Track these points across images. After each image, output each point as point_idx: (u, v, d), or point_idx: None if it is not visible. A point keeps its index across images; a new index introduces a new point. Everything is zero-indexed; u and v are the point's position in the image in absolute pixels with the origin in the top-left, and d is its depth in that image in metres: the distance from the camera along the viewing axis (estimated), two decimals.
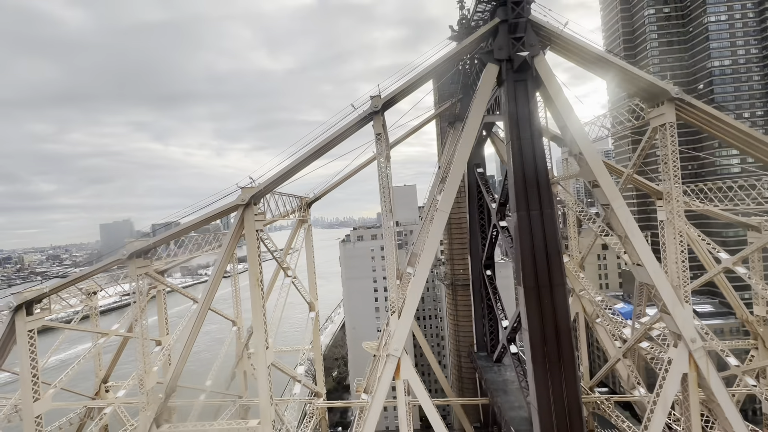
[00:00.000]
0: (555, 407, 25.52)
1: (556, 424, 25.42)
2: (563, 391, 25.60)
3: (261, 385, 30.02)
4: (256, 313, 30.17)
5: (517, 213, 27.26)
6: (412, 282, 28.57)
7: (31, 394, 30.71)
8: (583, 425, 25.89)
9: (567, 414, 25.40)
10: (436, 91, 69.82)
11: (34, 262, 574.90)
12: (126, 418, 44.23)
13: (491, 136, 46.51)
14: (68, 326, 36.62)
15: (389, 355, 28.59)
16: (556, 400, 25.57)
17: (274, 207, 35.34)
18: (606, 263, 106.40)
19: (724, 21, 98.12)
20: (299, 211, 44.61)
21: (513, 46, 27.33)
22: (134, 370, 57.15)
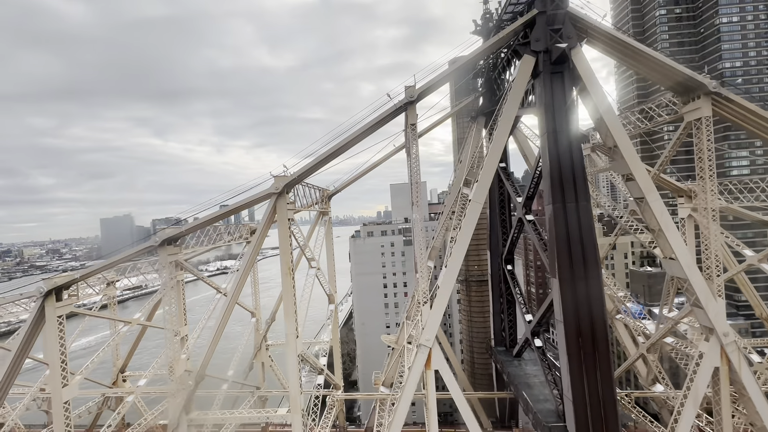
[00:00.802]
0: (590, 399, 25.57)
1: (591, 416, 25.48)
2: (598, 383, 25.64)
3: (291, 374, 30.05)
4: (287, 302, 30.16)
5: (552, 205, 27.26)
6: (445, 273, 28.58)
7: (60, 380, 30.66)
8: (618, 417, 25.96)
9: (602, 406, 25.45)
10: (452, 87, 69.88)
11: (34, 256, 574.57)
12: (143, 408, 44.27)
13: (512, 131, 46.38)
14: (97, 314, 36.58)
15: (420, 345, 28.60)
16: (591, 392, 25.61)
17: (300, 197, 35.35)
18: (613, 263, 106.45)
19: (736, 22, 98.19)
20: (320, 203, 44.60)
21: (551, 37, 27.32)
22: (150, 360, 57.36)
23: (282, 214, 29.71)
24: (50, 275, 32.74)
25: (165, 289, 30.84)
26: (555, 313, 27.72)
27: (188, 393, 30.31)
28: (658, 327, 35.65)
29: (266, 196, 29.12)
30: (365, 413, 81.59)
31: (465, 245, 28.38)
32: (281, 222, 29.74)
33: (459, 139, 72.13)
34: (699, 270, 27.07)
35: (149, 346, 70.01)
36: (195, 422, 30.87)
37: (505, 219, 45.10)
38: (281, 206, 29.69)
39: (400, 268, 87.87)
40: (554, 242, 27.03)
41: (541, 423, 29.80)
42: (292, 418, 29.86)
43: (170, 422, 29.96)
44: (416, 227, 29.84)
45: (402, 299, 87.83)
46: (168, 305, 30.95)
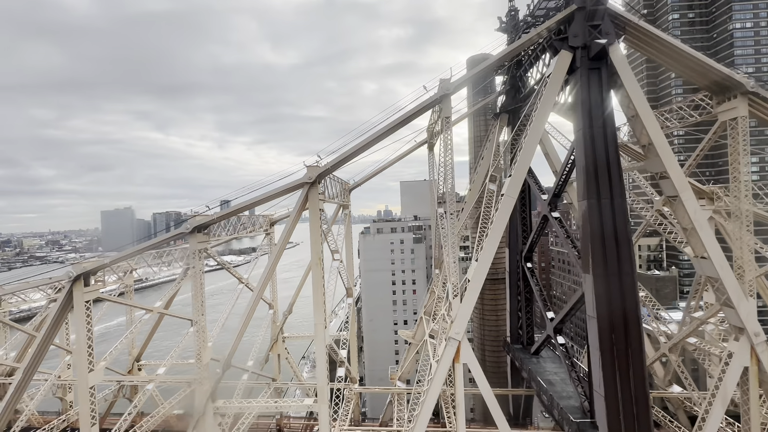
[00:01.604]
0: (622, 395, 25.60)
1: (623, 412, 25.51)
2: (630, 379, 25.67)
3: (319, 365, 30.07)
4: (316, 292, 30.15)
5: (587, 201, 27.27)
6: (476, 267, 28.57)
7: (86, 365, 30.63)
8: (650, 414, 26.01)
9: (634, 402, 25.48)
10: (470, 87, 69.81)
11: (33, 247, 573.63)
12: (158, 398, 44.22)
13: None
14: (122, 300, 36.52)
15: (450, 338, 28.60)
16: (624, 388, 25.65)
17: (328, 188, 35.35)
18: None
19: (750, 28, 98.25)
20: (341, 196, 44.58)
21: (589, 33, 27.32)
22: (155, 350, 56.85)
23: (314, 204, 29.70)
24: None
25: (194, 277, 30.79)
26: (587, 309, 27.73)
27: (215, 381, 30.29)
28: (681, 327, 35.69)
29: (299, 185, 29.09)
30: (371, 408, 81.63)
31: (497, 239, 28.37)
32: (313, 211, 29.72)
33: (475, 137, 72.32)
34: (731, 269, 27.13)
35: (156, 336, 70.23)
36: (220, 410, 30.88)
37: (525, 216, 45.09)
38: (313, 196, 29.66)
39: (409, 265, 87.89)
40: (588, 238, 27.04)
41: (568, 419, 29.81)
42: (319, 408, 29.87)
43: (196, 410, 29.96)
44: (448, 223, 29.76)
45: (410, 296, 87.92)
46: (196, 293, 30.91)
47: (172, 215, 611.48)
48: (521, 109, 43.13)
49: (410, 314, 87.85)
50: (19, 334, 46.42)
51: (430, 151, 45.05)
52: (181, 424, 49.28)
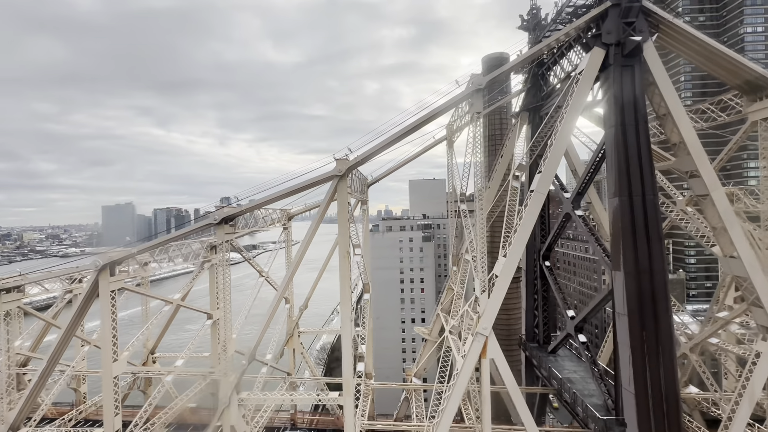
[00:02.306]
0: (652, 393, 25.60)
1: (653, 410, 25.50)
2: (661, 377, 25.66)
3: (345, 359, 30.03)
4: (343, 286, 30.10)
5: (618, 198, 27.25)
6: (505, 262, 28.51)
7: (110, 355, 30.58)
8: (680, 412, 26.01)
9: (664, 400, 25.48)
10: None
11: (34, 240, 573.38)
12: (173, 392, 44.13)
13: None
14: (145, 292, 36.45)
15: (477, 333, 28.59)
16: (654, 386, 25.64)
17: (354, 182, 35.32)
18: None
19: (761, 32, 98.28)
20: (360, 192, 44.54)
21: (623, 30, 27.29)
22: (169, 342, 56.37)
23: (342, 197, 29.67)
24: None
25: (220, 268, 30.73)
26: (616, 306, 27.70)
27: (240, 373, 30.24)
28: (704, 327, 35.71)
29: (329, 177, 29.07)
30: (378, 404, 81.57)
31: (527, 235, 28.37)
32: (341, 204, 29.69)
33: (489, 136, 72.28)
34: (761, 269, 27.13)
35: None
36: (245, 402, 30.85)
37: (544, 214, 45.06)
38: (342, 189, 29.63)
39: (417, 263, 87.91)
40: (620, 235, 27.02)
41: (593, 416, 29.80)
42: (344, 402, 29.86)
43: (221, 401, 29.89)
44: (479, 218, 29.70)
45: (418, 294, 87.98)
46: (222, 285, 30.84)
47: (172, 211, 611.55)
48: (543, 107, 43.26)
49: (418, 313, 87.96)
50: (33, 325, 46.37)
51: (450, 149, 44.93)
52: (195, 417, 49.32)
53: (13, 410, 31.53)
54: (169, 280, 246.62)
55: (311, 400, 32.05)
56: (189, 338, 44.03)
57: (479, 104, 29.32)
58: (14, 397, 32.55)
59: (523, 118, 44.67)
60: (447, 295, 46.92)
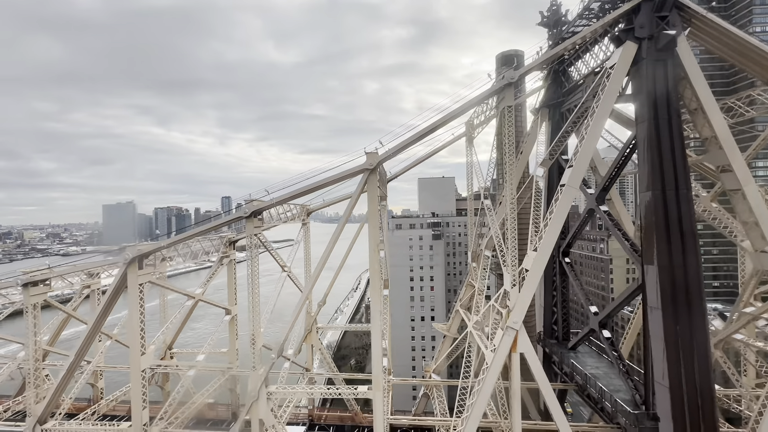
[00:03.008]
0: (687, 386, 25.57)
1: (688, 403, 25.48)
2: (695, 370, 25.64)
3: (374, 352, 30.02)
4: (374, 279, 30.10)
5: (651, 192, 27.23)
6: (536, 257, 28.45)
7: (139, 348, 30.58)
8: (715, 405, 26.00)
9: (699, 394, 25.46)
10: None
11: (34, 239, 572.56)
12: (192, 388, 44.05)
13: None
14: (170, 286, 36.38)
15: (508, 327, 28.58)
16: (688, 379, 25.62)
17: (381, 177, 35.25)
18: (634, 267, 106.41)
19: None
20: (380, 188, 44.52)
21: (656, 24, 27.28)
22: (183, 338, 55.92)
23: (372, 190, 29.64)
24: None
25: (249, 261, 30.68)
26: (648, 300, 27.68)
27: (269, 366, 30.21)
28: (728, 323, 35.70)
29: (360, 171, 29.03)
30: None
31: (558, 229, 28.35)
32: (371, 197, 29.66)
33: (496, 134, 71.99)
34: None
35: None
36: (273, 396, 30.81)
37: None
38: (372, 182, 29.60)
39: (427, 261, 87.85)
40: (653, 229, 27.00)
41: (624, 410, 29.77)
42: (374, 396, 29.84)
43: (250, 394, 29.85)
44: (510, 213, 29.62)
45: (428, 292, 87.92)
46: (251, 279, 30.78)
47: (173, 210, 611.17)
48: (563, 103, 43.24)
49: (428, 311, 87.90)
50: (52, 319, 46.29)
51: (470, 145, 44.89)
52: (212, 412, 49.27)
53: (40, 404, 31.46)
54: (179, 277, 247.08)
55: (339, 393, 31.96)
56: (193, 336, 44.03)
57: (510, 98, 29.34)
58: (41, 391, 32.45)
59: (543, 115, 44.64)
60: (466, 292, 46.90)
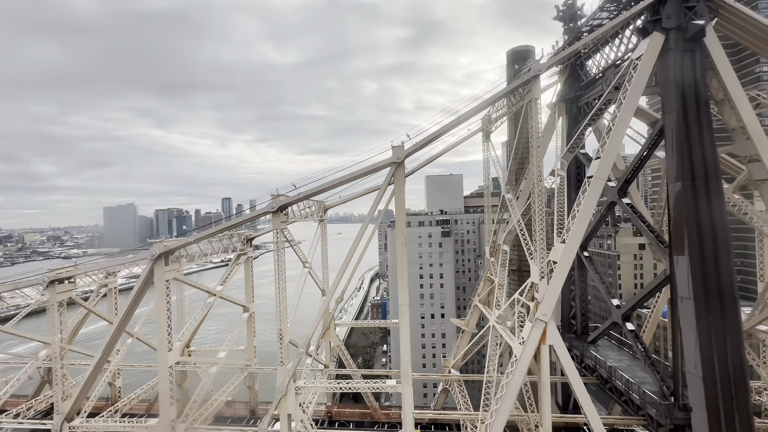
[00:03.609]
0: (720, 376, 25.56)
1: (722, 393, 25.47)
2: (728, 360, 25.63)
3: (403, 347, 30.03)
4: (401, 273, 30.08)
5: (681, 183, 27.22)
6: (564, 248, 28.46)
7: (166, 344, 30.56)
8: (749, 395, 25.99)
9: (732, 383, 25.44)
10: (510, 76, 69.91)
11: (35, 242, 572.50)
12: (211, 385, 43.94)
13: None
14: (193, 282, 36.30)
15: (537, 319, 28.59)
16: (722, 368, 25.61)
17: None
18: (642, 263, 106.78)
19: None
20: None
21: (684, 15, 27.28)
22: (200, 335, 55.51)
23: (399, 183, 29.62)
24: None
25: (276, 257, 30.65)
26: (679, 290, 27.65)
27: (297, 361, 30.20)
28: (752, 314, 35.73)
29: (387, 164, 29.01)
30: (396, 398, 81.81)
31: (586, 221, 28.43)
32: (398, 191, 29.66)
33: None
34: None
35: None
36: (301, 390, 30.79)
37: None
38: (399, 176, 29.58)
39: (437, 259, 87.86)
40: (683, 219, 26.99)
41: (654, 402, 29.78)
42: (403, 390, 29.82)
43: (278, 389, 29.84)
44: (536, 203, 29.61)
45: (438, 290, 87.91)
46: (277, 274, 30.74)
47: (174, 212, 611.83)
48: (581, 97, 43.24)
49: (437, 308, 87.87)
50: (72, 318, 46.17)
51: (487, 140, 44.84)
52: (230, 410, 49.17)
53: (67, 401, 31.41)
54: (192, 275, 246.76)
55: (369, 388, 31.95)
56: (200, 335, 43.74)
57: (537, 90, 29.36)
58: (67, 388, 32.40)
59: (560, 109, 44.59)
60: (484, 287, 46.87)
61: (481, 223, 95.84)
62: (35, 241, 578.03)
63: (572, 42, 41.66)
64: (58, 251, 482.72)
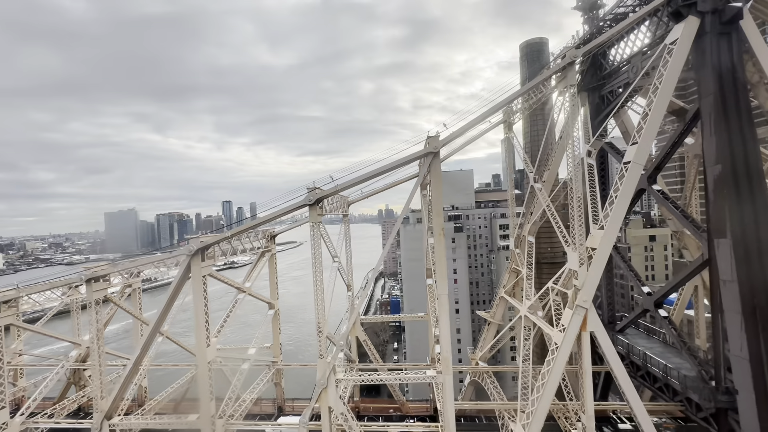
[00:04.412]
0: (766, 358, 25.59)
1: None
2: None
3: (443, 336, 29.99)
4: (439, 264, 30.04)
5: (721, 165, 27.24)
6: (603, 234, 28.41)
7: (204, 340, 30.50)
8: None
9: None
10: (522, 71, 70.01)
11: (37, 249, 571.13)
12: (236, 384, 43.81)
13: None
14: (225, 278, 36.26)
15: (577, 306, 28.56)
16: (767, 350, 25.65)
17: None
18: (653, 254, 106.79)
19: None
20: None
21: None
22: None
23: (436, 173, 29.55)
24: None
25: (313, 249, 30.60)
26: (720, 273, 27.66)
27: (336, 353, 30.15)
28: None
29: (425, 154, 28.94)
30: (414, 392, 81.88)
31: (625, 206, 28.40)
32: (435, 181, 29.60)
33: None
34: None
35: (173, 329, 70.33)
36: (341, 382, 30.77)
37: (607, 194, 45.00)
38: (435, 166, 29.50)
39: (450, 254, 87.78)
40: (725, 201, 27.01)
41: (695, 387, 29.82)
42: (443, 380, 29.77)
43: (319, 382, 29.76)
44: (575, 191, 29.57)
45: (452, 285, 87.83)
46: (315, 267, 30.67)
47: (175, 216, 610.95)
48: (604, 86, 43.28)
49: (451, 303, 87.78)
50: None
51: (509, 130, 44.79)
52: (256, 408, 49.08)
53: (105, 399, 31.35)
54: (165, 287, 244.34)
55: (408, 379, 31.94)
56: None
57: (573, 77, 29.34)
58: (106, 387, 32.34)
59: (581, 99, 44.58)
60: (510, 278, 46.89)
61: (493, 217, 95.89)
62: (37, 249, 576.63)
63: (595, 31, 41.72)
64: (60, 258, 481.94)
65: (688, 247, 41.04)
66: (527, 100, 40.75)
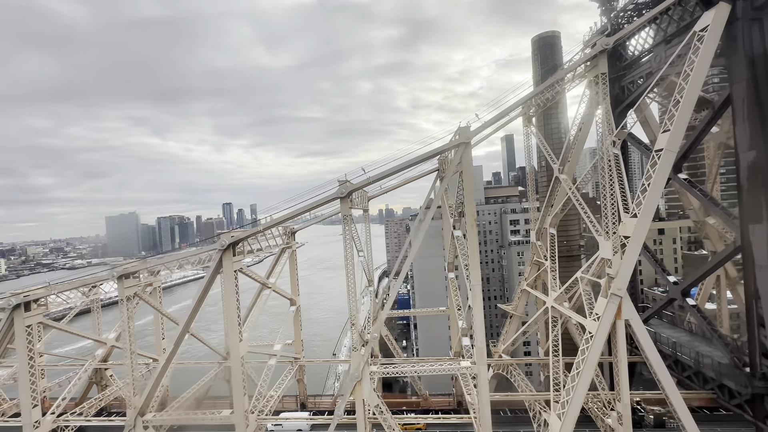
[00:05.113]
0: None
1: None
2: None
3: (476, 327, 30.00)
4: (473, 255, 30.04)
5: (756, 151, 27.21)
6: (637, 223, 28.36)
7: (237, 335, 30.49)
8: None
9: None
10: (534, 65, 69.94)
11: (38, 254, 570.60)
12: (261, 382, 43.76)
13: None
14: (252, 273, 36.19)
15: (612, 294, 28.54)
16: None
17: None
18: (662, 248, 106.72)
19: None
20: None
21: None
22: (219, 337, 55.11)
23: (468, 163, 29.53)
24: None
25: (345, 243, 30.55)
26: (757, 259, 27.63)
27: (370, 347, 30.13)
28: None
29: (456, 144, 28.94)
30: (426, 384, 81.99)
31: (658, 194, 28.37)
32: (467, 170, 29.60)
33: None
34: None
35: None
36: (375, 374, 30.77)
37: (624, 185, 44.96)
38: (467, 156, 29.48)
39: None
40: (760, 186, 26.97)
41: (729, 373, 29.82)
42: (478, 370, 29.78)
43: (353, 375, 29.72)
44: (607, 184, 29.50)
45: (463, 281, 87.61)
46: (347, 260, 30.61)
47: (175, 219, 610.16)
48: (624, 76, 43.17)
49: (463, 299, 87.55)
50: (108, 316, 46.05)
51: (529, 123, 44.71)
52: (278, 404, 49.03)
53: (138, 396, 31.29)
54: (179, 287, 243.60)
55: (441, 370, 31.94)
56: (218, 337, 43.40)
57: (604, 65, 29.31)
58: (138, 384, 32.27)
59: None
60: (531, 271, 46.86)
61: (503, 213, 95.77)
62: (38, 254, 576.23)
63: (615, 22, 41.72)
64: (62, 262, 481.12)
65: (710, 237, 40.99)
66: (548, 91, 41.00)
